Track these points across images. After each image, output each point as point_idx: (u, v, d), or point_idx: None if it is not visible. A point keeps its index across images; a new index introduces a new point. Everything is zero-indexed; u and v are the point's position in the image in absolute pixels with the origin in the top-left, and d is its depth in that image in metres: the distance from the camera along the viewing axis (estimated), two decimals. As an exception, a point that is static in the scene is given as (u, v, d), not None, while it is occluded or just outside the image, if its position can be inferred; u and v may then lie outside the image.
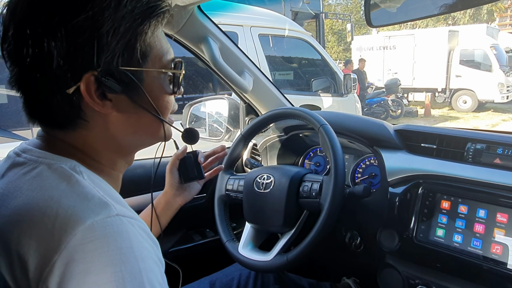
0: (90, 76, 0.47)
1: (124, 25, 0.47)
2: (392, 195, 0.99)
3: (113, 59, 0.47)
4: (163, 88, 0.56)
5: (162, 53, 0.55)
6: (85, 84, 0.47)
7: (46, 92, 0.48)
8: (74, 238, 0.41)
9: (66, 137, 0.52)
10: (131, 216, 0.46)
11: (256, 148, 1.45)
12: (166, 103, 0.57)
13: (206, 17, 1.16)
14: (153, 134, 0.58)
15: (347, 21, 10.28)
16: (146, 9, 0.50)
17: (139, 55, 0.50)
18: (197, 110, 1.63)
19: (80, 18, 0.45)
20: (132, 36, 0.48)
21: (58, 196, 0.44)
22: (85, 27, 0.45)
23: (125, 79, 0.50)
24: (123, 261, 0.41)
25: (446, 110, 11.84)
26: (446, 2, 0.75)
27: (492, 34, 12.69)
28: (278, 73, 4.87)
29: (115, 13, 0.46)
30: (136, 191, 1.21)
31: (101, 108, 0.49)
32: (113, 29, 0.46)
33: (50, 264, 0.40)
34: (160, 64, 0.55)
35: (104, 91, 0.49)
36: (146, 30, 0.50)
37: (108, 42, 0.46)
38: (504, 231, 0.82)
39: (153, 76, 0.54)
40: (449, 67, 11.70)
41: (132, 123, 0.54)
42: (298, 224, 0.98)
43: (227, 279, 1.10)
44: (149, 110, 0.54)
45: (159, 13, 0.51)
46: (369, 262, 1.09)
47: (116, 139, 0.54)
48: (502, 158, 0.90)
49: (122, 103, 0.51)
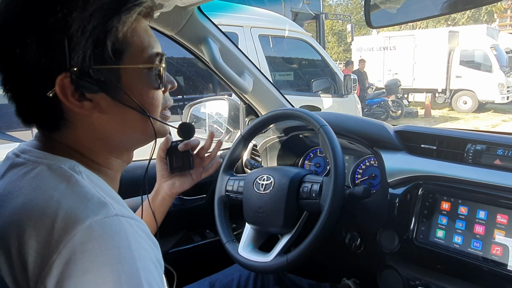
0: (64, 78, 0.47)
1: (92, 22, 0.46)
2: (392, 196, 0.99)
3: (84, 59, 0.46)
4: (146, 84, 0.54)
5: (143, 48, 0.53)
6: (59, 86, 0.47)
7: (28, 96, 0.49)
8: (73, 238, 0.41)
9: (61, 138, 0.53)
10: (130, 216, 0.46)
11: (256, 149, 1.45)
12: (152, 99, 0.56)
13: (206, 18, 1.16)
14: (143, 131, 0.57)
15: (347, 21, 10.28)
16: (114, 4, 0.48)
17: (110, 52, 0.48)
18: (197, 110, 1.63)
19: (50, 21, 0.45)
20: (100, 33, 0.47)
21: (58, 196, 0.45)
22: (54, 29, 0.45)
23: (101, 78, 0.49)
24: (120, 261, 0.41)
25: (446, 110, 11.84)
26: (446, 3, 0.75)
27: (492, 35, 12.68)
28: (278, 74, 4.87)
29: (83, 12, 0.46)
30: (135, 192, 1.21)
31: (80, 109, 0.49)
32: (81, 28, 0.45)
33: (49, 263, 0.40)
34: (141, 59, 0.53)
35: (82, 92, 0.49)
36: (116, 25, 0.48)
37: (78, 42, 0.45)
38: (504, 232, 0.82)
39: (133, 72, 0.52)
40: (449, 68, 11.70)
41: (118, 121, 0.54)
42: (298, 225, 0.98)
43: (227, 280, 1.10)
44: (133, 107, 0.53)
45: (130, 7, 0.49)
46: (369, 263, 1.09)
47: (106, 139, 0.54)
48: (502, 159, 0.90)
49: (104, 103, 0.51)
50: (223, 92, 3.40)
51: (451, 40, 11.72)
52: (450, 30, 12.13)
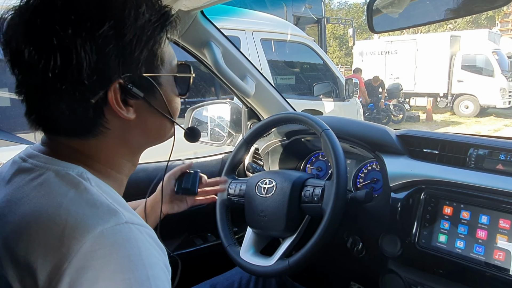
0: (116, 84, 0.48)
1: (146, 33, 0.49)
2: (394, 201, 0.99)
3: (137, 67, 0.49)
4: (174, 91, 0.59)
5: (172, 58, 0.58)
6: (112, 92, 0.48)
7: (68, 102, 0.47)
8: (84, 246, 0.41)
9: (73, 143, 0.52)
10: (139, 223, 0.46)
11: (258, 153, 1.45)
12: (177, 104, 0.60)
13: (209, 22, 1.17)
14: (164, 135, 0.61)
15: (349, 26, 10.28)
16: (160, 17, 0.51)
17: (159, 62, 0.53)
18: (199, 114, 1.63)
19: (105, 28, 0.45)
20: (154, 44, 0.51)
21: (67, 203, 0.45)
22: (110, 37, 0.46)
23: (145, 84, 0.52)
24: (131, 269, 0.41)
25: (448, 115, 11.83)
26: (448, 8, 0.76)
27: (493, 39, 12.70)
28: (280, 78, 4.88)
29: (135, 22, 0.48)
30: (137, 195, 1.21)
31: (125, 115, 0.50)
32: (136, 38, 0.48)
33: (60, 271, 0.40)
34: (171, 68, 0.57)
35: (125, 98, 0.50)
36: (164, 37, 0.52)
37: (133, 50, 0.48)
38: (507, 237, 0.82)
39: (167, 80, 0.56)
40: (451, 72, 11.70)
41: (147, 126, 0.56)
42: (300, 229, 0.98)
43: (227, 282, 1.10)
44: (163, 113, 0.56)
45: (173, 22, 0.53)
46: (371, 268, 1.09)
47: (129, 143, 0.56)
48: (504, 164, 0.90)
49: (141, 108, 0.53)
50: (225, 95, 3.41)
51: (453, 45, 11.74)
52: (452, 34, 12.15)
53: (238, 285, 1.09)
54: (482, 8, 0.79)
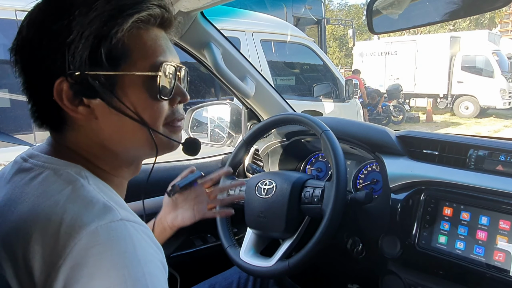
0: (61, 82, 0.48)
1: (90, 28, 0.47)
2: (394, 202, 0.99)
3: (81, 64, 0.47)
4: (144, 92, 0.52)
5: (145, 56, 0.51)
6: (56, 90, 0.48)
7: (39, 98, 0.51)
8: (79, 243, 0.41)
9: (66, 142, 0.53)
10: (135, 220, 0.46)
11: (258, 154, 1.45)
12: (152, 109, 0.53)
13: (208, 23, 1.17)
14: (142, 143, 0.54)
15: (349, 27, 10.28)
16: (114, 12, 0.48)
17: (104, 58, 0.48)
18: (199, 115, 1.63)
19: (56, 26, 0.47)
20: (95, 39, 0.47)
21: (64, 201, 0.45)
22: (58, 34, 0.47)
23: (96, 83, 0.49)
24: (126, 265, 0.41)
25: (448, 116, 11.83)
26: (448, 9, 0.76)
27: (493, 40, 12.71)
28: (280, 79, 4.88)
29: (83, 18, 0.47)
30: (137, 196, 1.21)
31: (75, 113, 0.50)
32: (80, 34, 0.46)
33: (55, 268, 0.40)
34: (141, 67, 0.51)
35: (80, 97, 0.49)
36: (111, 31, 0.47)
37: (76, 47, 0.47)
38: (507, 238, 0.82)
39: (130, 80, 0.50)
40: (451, 73, 11.71)
41: (115, 128, 0.52)
42: (299, 230, 0.98)
43: (226, 282, 1.10)
44: (129, 115, 0.51)
45: (130, 13, 0.49)
46: (371, 269, 1.09)
47: (106, 145, 0.54)
48: (504, 165, 0.90)
49: (100, 109, 0.50)
50: (225, 96, 3.41)
51: (453, 46, 11.75)
52: (452, 35, 12.16)
53: (237, 285, 1.09)
54: (482, 9, 0.79)
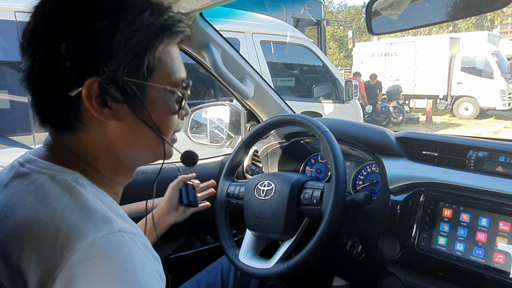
0: (93, 81, 0.47)
1: (137, 37, 0.48)
2: (394, 203, 0.98)
3: (119, 68, 0.48)
4: (167, 106, 0.55)
5: (172, 72, 0.54)
6: (86, 89, 0.47)
7: (50, 91, 0.49)
8: (76, 254, 0.40)
9: (70, 144, 0.52)
10: (132, 232, 0.46)
11: (257, 155, 1.45)
12: (169, 121, 0.56)
13: (208, 24, 1.16)
14: (152, 150, 0.57)
15: (349, 28, 10.29)
16: (161, 26, 0.51)
17: (145, 69, 0.50)
18: (198, 116, 1.63)
19: (96, 25, 0.46)
20: (141, 49, 0.49)
21: (61, 209, 0.44)
22: (99, 34, 0.46)
23: (128, 89, 0.50)
24: (124, 279, 0.40)
25: (448, 117, 11.84)
26: (447, 10, 0.76)
27: (493, 41, 12.73)
28: (280, 80, 4.88)
29: (130, 25, 0.47)
30: (136, 197, 1.21)
31: (99, 114, 0.49)
32: (125, 40, 0.47)
33: (51, 279, 0.40)
34: (168, 81, 0.54)
35: (106, 99, 0.49)
36: (157, 45, 0.50)
37: (118, 51, 0.47)
38: (507, 239, 0.81)
39: (158, 92, 0.53)
40: (451, 74, 11.73)
41: (130, 134, 0.53)
42: (299, 231, 0.98)
43: (211, 276, 1.12)
44: (148, 125, 0.53)
45: (174, 32, 0.52)
46: (370, 270, 1.09)
47: (114, 149, 0.54)
48: (504, 166, 0.89)
49: (123, 113, 0.51)
50: (225, 97, 3.41)
51: (452, 47, 11.76)
52: (451, 36, 12.18)
53: (220, 276, 1.11)
54: (482, 9, 0.78)
